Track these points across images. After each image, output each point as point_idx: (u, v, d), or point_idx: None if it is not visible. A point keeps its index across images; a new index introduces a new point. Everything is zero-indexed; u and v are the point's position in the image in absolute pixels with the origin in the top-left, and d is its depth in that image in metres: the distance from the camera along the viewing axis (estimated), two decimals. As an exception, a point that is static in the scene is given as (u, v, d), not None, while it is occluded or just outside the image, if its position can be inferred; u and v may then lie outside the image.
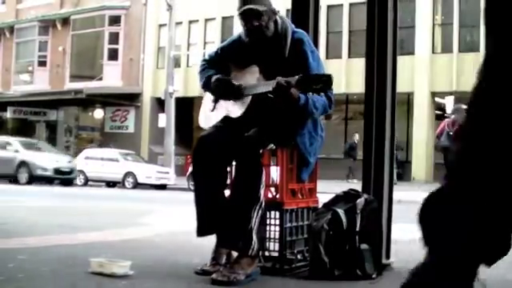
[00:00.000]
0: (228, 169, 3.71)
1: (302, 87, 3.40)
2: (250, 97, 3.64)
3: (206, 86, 3.84)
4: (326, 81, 3.34)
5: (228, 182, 3.72)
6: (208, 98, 3.94)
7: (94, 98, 31.81)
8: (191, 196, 3.74)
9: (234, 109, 3.71)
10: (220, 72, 3.80)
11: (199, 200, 3.70)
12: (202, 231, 3.71)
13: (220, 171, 3.65)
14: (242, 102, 3.67)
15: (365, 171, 4.07)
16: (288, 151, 3.69)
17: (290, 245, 3.75)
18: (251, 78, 3.68)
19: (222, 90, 3.75)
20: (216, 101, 3.85)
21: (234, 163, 3.65)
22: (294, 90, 3.44)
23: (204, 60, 4.03)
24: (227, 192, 3.67)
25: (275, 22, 3.72)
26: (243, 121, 3.64)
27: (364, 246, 3.62)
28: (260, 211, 3.54)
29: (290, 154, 3.70)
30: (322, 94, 3.56)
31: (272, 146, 3.67)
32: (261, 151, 3.60)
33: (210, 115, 3.85)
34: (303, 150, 3.70)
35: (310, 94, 3.50)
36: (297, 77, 3.38)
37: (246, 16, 3.67)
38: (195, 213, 3.72)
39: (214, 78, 3.77)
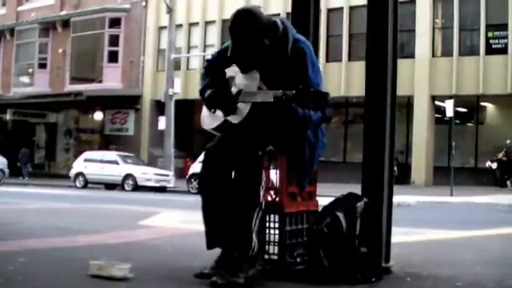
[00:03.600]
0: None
1: (297, 102, 3.39)
2: (250, 103, 3.62)
3: (201, 94, 3.83)
4: (321, 99, 3.34)
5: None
6: None
7: (94, 101, 31.79)
8: (191, 199, 3.76)
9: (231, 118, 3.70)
10: (219, 77, 3.79)
11: (208, 214, 3.69)
12: (211, 244, 3.71)
13: (228, 184, 3.63)
14: (242, 108, 3.66)
15: (364, 174, 4.07)
16: (287, 155, 3.69)
17: (290, 248, 3.74)
18: (252, 85, 3.65)
19: (216, 104, 3.73)
20: None
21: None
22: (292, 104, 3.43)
23: (207, 61, 4.03)
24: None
25: (275, 28, 3.67)
26: (243, 126, 3.63)
27: (364, 250, 3.61)
28: (260, 213, 3.54)
29: (289, 157, 3.70)
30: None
31: (271, 147, 3.66)
32: (260, 153, 3.59)
33: (211, 117, 3.85)
34: (303, 157, 3.70)
35: None
36: (294, 91, 3.37)
37: (234, 38, 3.65)
38: (204, 226, 3.71)
39: (207, 94, 3.76)
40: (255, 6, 3.79)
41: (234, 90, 3.71)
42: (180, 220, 8.08)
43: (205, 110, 3.93)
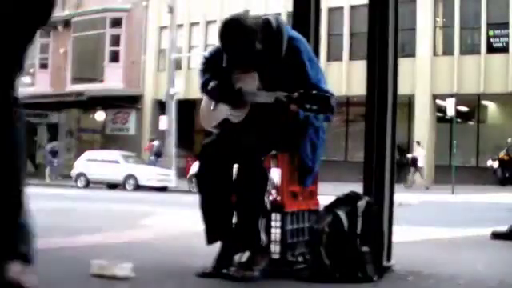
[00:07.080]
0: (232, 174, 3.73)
1: (300, 105, 3.39)
2: (250, 103, 3.62)
3: (203, 89, 3.83)
4: (324, 102, 3.33)
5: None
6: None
7: (96, 101, 31.81)
8: (192, 198, 3.76)
9: (234, 113, 3.70)
10: (219, 71, 3.76)
11: (206, 207, 3.71)
12: (211, 239, 3.73)
13: (226, 177, 3.65)
14: (243, 107, 3.66)
15: (366, 174, 4.07)
16: (289, 154, 3.70)
17: (291, 247, 3.74)
18: (251, 84, 3.65)
19: (221, 95, 3.73)
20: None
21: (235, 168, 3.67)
22: (294, 106, 3.43)
23: (204, 58, 3.99)
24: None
25: (268, 26, 3.62)
26: (243, 126, 3.63)
27: (365, 249, 3.61)
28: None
29: (290, 156, 3.70)
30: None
31: (273, 152, 3.68)
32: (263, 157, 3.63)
33: (210, 115, 3.84)
34: (305, 157, 3.70)
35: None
36: (296, 94, 3.37)
37: (224, 48, 3.66)
38: (203, 220, 3.73)
39: (213, 83, 3.74)
40: (242, 13, 3.70)
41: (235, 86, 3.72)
42: (181, 219, 8.08)
43: (204, 107, 3.92)
